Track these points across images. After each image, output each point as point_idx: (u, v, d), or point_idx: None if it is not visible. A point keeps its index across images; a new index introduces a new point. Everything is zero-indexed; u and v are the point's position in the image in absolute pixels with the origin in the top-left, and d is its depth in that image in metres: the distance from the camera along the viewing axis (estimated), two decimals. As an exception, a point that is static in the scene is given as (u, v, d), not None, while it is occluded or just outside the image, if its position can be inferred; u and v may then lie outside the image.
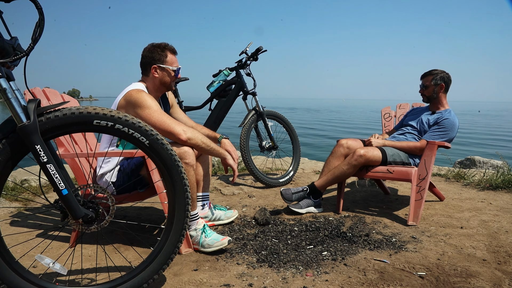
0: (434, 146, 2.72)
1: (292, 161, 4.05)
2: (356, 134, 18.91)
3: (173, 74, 2.27)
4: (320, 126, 23.96)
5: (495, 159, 5.71)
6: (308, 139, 15.91)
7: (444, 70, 3.09)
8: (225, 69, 3.81)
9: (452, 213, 2.90)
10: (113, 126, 1.40)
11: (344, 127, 24.45)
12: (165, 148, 1.50)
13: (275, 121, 3.96)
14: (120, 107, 2.11)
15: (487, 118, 41.61)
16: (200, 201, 2.58)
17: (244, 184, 3.83)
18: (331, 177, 2.87)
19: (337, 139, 3.17)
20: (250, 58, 3.73)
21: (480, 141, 16.99)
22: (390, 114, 3.69)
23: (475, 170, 4.69)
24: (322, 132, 19.52)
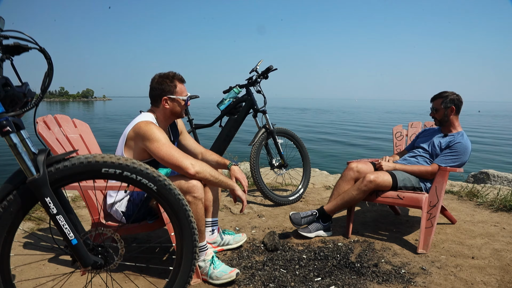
0: (445, 172, 2.69)
1: (302, 178, 4.04)
2: (369, 139, 18.73)
3: (183, 104, 2.29)
4: (332, 130, 23.75)
5: (510, 171, 5.62)
6: (319, 145, 15.75)
7: (454, 91, 3.05)
8: (235, 86, 3.83)
9: (463, 239, 2.86)
10: (121, 173, 1.42)
11: (357, 130, 24.22)
12: (172, 193, 1.51)
13: (285, 138, 3.95)
14: (129, 138, 2.13)
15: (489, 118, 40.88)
16: (210, 226, 2.59)
17: (254, 202, 3.84)
18: (341, 202, 2.86)
19: (347, 161, 3.16)
20: (260, 76, 3.74)
21: (493, 147, 16.71)
22: (401, 133, 3.65)
23: (489, 186, 4.62)
24: (334, 137, 19.30)
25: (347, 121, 33.33)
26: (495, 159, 13.04)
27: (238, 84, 3.87)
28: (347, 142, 16.90)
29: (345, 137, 18.99)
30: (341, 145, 15.93)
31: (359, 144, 16.28)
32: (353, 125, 28.73)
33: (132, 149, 2.14)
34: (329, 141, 17.25)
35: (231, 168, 2.48)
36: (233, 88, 3.83)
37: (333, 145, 15.75)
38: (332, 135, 19.92)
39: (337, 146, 15.59)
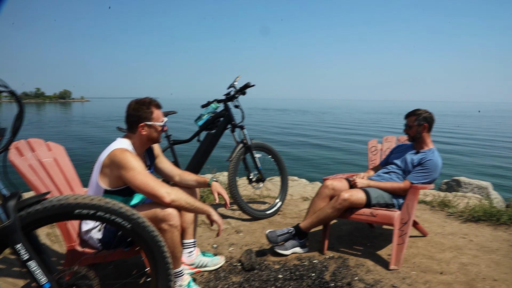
0: (416, 191, 2.79)
1: (280, 191, 4.10)
2: (348, 142, 18.94)
3: (160, 129, 2.31)
4: (311, 132, 23.89)
5: (480, 179, 5.82)
6: (298, 149, 15.74)
7: (427, 109, 3.16)
8: (213, 101, 3.85)
9: (434, 252, 2.97)
10: (94, 213, 1.43)
11: (337, 132, 24.47)
12: (147, 230, 1.54)
13: (264, 152, 4.00)
14: (105, 165, 2.14)
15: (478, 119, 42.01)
16: (188, 248, 2.61)
17: (232, 216, 3.88)
18: (316, 219, 2.93)
19: (323, 178, 3.23)
20: (238, 92, 3.77)
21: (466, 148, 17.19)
22: (376, 147, 3.75)
23: (461, 194, 4.78)
24: (313, 139, 19.39)
25: (326, 122, 33.61)
26: (468, 162, 13.41)
27: (216, 99, 3.89)
28: (326, 146, 16.98)
29: (325, 140, 19.07)
30: (320, 149, 16.00)
31: (338, 147, 16.38)
32: (333, 126, 28.99)
33: (108, 177, 2.15)
34: (309, 144, 17.28)
35: (212, 184, 2.51)
36: (211, 103, 3.86)
37: (312, 149, 15.80)
38: (311, 138, 20.01)
39: (316, 150, 15.65)
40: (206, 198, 4.44)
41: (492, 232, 3.44)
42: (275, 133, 22.04)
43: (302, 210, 4.15)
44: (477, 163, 13.14)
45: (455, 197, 4.50)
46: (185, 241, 2.60)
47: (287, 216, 3.94)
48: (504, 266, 2.74)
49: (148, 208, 2.08)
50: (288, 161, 11.55)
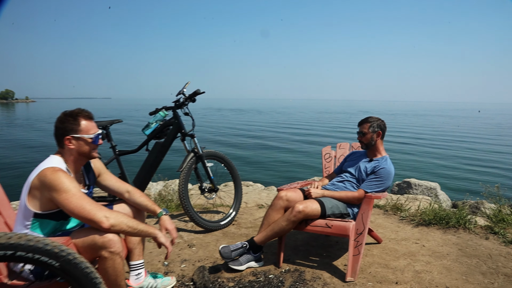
0: (370, 200, 2.75)
1: (234, 200, 3.97)
2: (301, 143, 19.10)
3: (90, 141, 2.08)
4: (266, 133, 23.74)
5: (429, 180, 6.01)
6: (253, 151, 15.54)
7: (379, 117, 3.16)
8: (161, 109, 3.65)
9: (388, 260, 2.97)
10: (13, 254, 1.23)
11: (291, 132, 24.64)
12: (79, 267, 1.35)
13: (216, 161, 3.85)
14: (34, 187, 1.91)
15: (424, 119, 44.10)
16: (134, 270, 2.42)
17: (184, 229, 3.69)
18: (271, 233, 2.82)
19: (277, 188, 3.14)
20: (187, 99, 3.60)
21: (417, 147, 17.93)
22: (330, 154, 3.72)
23: (412, 196, 4.88)
24: (268, 141, 19.24)
25: (280, 122, 33.80)
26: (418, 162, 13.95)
27: (165, 106, 3.70)
28: (281, 148, 16.86)
29: (279, 141, 18.92)
30: (274, 151, 15.88)
31: (292, 149, 16.32)
32: (287, 126, 29.11)
33: (38, 199, 1.91)
34: (263, 146, 17.07)
35: (161, 218, 2.30)
36: (159, 110, 3.66)
37: (266, 151, 15.65)
38: (266, 139, 19.81)
39: (271, 151, 15.51)
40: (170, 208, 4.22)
41: (442, 236, 3.51)
42: (229, 135, 21.70)
43: (257, 219, 4.05)
44: (437, 163, 13.72)
45: (407, 200, 4.58)
46: (132, 262, 2.41)
47: (242, 226, 3.82)
48: (455, 272, 2.78)
49: (85, 234, 1.87)
50: (242, 165, 11.39)
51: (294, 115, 48.04)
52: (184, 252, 3.17)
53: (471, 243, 3.32)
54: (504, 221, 3.76)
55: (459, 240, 3.40)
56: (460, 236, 3.49)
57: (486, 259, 3.01)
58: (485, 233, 3.56)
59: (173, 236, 2.24)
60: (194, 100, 3.61)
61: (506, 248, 3.24)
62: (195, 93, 3.56)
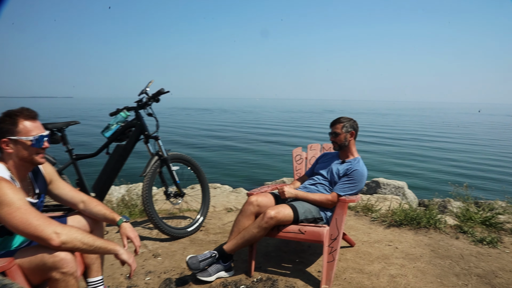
0: (344, 204, 2.65)
1: (202, 205, 3.78)
2: (268, 143, 18.99)
3: (29, 144, 1.83)
4: (232, 133, 23.12)
5: (397, 179, 6.04)
6: (218, 153, 15.14)
7: (351, 117, 3.07)
8: (123, 109, 3.41)
9: (363, 265, 2.88)
10: None
11: (258, 133, 24.46)
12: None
13: (182, 164, 3.65)
14: None
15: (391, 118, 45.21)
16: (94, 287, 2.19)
17: (149, 237, 3.46)
18: (241, 240, 2.67)
19: (247, 193, 2.99)
20: (151, 99, 3.38)
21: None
22: (301, 156, 3.60)
23: (381, 197, 4.86)
24: (235, 142, 18.75)
25: (247, 122, 33.53)
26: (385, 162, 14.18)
27: (127, 106, 3.46)
28: (246, 148, 16.39)
29: (245, 142, 18.40)
30: (240, 152, 15.46)
31: (258, 150, 15.95)
32: (254, 126, 28.70)
33: None
34: (230, 148, 16.49)
35: (122, 226, 2.09)
36: (120, 111, 3.41)
37: (233, 152, 15.24)
38: (232, 140, 19.23)
39: (236, 153, 15.10)
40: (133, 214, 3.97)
41: (414, 236, 3.48)
42: (193, 136, 21.03)
43: (226, 224, 3.88)
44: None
45: (378, 201, 4.55)
46: (90, 279, 2.17)
47: (210, 232, 3.64)
48: (429, 274, 2.73)
49: (32, 253, 1.65)
50: (206, 168, 11.05)
51: (261, 115, 47.99)
52: (148, 263, 2.95)
53: (443, 244, 3.30)
54: (472, 219, 3.78)
55: (431, 240, 3.38)
56: (431, 237, 3.47)
57: (459, 259, 2.99)
58: (455, 233, 3.56)
59: (136, 244, 2.04)
60: (158, 100, 3.40)
61: (476, 248, 3.24)
62: (158, 92, 3.34)
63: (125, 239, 2.05)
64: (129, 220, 2.14)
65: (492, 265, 2.89)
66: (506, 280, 2.67)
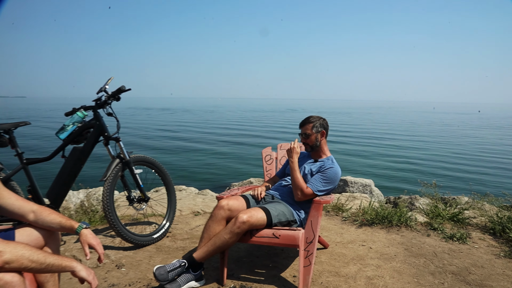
0: (319, 206, 2.55)
1: (167, 210, 3.57)
2: (232, 144, 18.79)
3: None
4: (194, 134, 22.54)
5: (364, 177, 6.07)
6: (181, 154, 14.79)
7: (320, 116, 2.98)
8: (79, 109, 3.15)
9: (338, 267, 2.80)
10: None
11: (220, 133, 24.17)
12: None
13: (145, 167, 3.43)
14: None
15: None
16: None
17: (111, 246, 3.21)
18: (212, 248, 2.50)
19: (217, 196, 2.83)
20: (110, 97, 3.14)
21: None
22: (271, 156, 3.48)
23: (350, 196, 4.84)
24: (199, 144, 18.24)
25: (209, 121, 33.04)
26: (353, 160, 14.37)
27: (84, 105, 3.20)
28: (209, 150, 16.03)
29: (208, 144, 17.98)
30: (205, 153, 15.06)
31: (222, 152, 15.66)
32: (216, 127, 28.18)
33: None
34: (193, 150, 16.02)
35: (82, 233, 1.85)
36: (77, 110, 3.15)
37: (196, 153, 14.92)
38: (195, 142, 18.68)
39: (201, 154, 14.70)
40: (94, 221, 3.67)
41: (386, 235, 3.44)
42: (156, 137, 20.25)
43: (194, 228, 3.69)
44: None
45: (347, 200, 4.51)
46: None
47: (178, 238, 3.44)
48: (406, 274, 2.69)
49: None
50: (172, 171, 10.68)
51: (223, 114, 47.64)
52: (111, 274, 2.72)
53: (415, 242, 3.28)
54: (441, 216, 3.81)
55: (403, 239, 3.35)
56: (403, 235, 3.45)
57: (432, 257, 2.97)
58: (426, 230, 3.56)
59: (99, 252, 1.83)
60: (119, 99, 3.16)
61: (447, 244, 3.24)
62: (119, 90, 3.10)
63: (86, 248, 1.83)
64: (89, 226, 1.92)
65: (465, 262, 2.90)
66: (479, 276, 2.67)
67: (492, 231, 3.53)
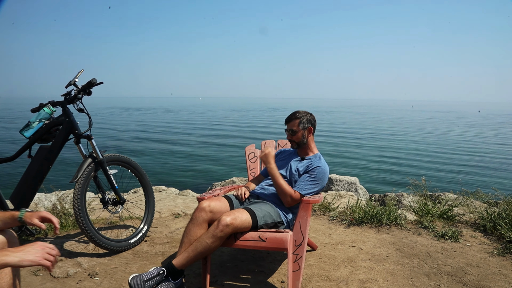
0: (308, 205, 2.37)
1: (145, 213, 3.34)
2: (214, 146, 18.52)
3: None
4: (176, 135, 21.87)
5: (349, 175, 5.95)
6: (159, 156, 14.40)
7: (307, 111, 2.80)
8: (47, 104, 2.90)
9: (328, 270, 2.63)
10: None
11: (203, 134, 23.77)
12: None
13: (121, 167, 3.19)
14: None
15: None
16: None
17: (84, 253, 2.96)
18: (193, 253, 2.29)
19: (197, 197, 2.63)
20: (81, 92, 2.89)
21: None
22: (255, 153, 3.29)
23: (335, 194, 4.70)
24: (181, 147, 17.77)
25: (191, 122, 32.40)
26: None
27: (52, 101, 2.94)
28: (188, 152, 15.58)
29: (186, 146, 17.43)
30: (182, 156, 14.64)
31: (201, 154, 15.34)
32: (197, 127, 27.59)
33: None
34: (172, 152, 15.47)
35: (25, 216, 1.63)
36: (44, 106, 2.89)
37: (175, 155, 14.46)
38: (174, 144, 18.16)
39: (178, 157, 14.26)
40: (48, 230, 3.41)
41: (376, 235, 3.30)
42: (134, 139, 19.60)
43: (174, 232, 3.48)
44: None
45: (334, 198, 4.36)
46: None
47: (157, 242, 3.21)
48: (400, 276, 2.54)
49: None
50: (152, 174, 10.29)
51: (205, 114, 47.08)
52: (83, 285, 2.48)
53: (407, 241, 3.15)
54: (430, 213, 3.70)
55: (394, 238, 3.22)
56: (394, 234, 3.31)
57: (426, 257, 2.84)
58: (416, 228, 3.44)
59: (53, 221, 1.61)
60: (90, 93, 2.92)
61: (439, 243, 3.12)
62: (90, 83, 2.86)
63: (36, 220, 1.60)
64: (30, 210, 1.68)
65: (459, 261, 2.77)
66: (475, 276, 2.55)
67: (483, 228, 3.43)
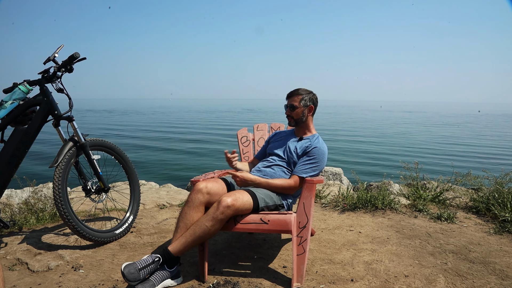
0: (312, 185, 2.24)
1: (131, 202, 3.12)
2: (188, 142, 18.20)
3: None
4: (147, 134, 21.44)
5: (333, 166, 5.88)
6: (136, 153, 14.02)
7: (311, 90, 2.67)
8: (22, 83, 2.64)
9: (330, 254, 2.52)
10: None
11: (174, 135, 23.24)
12: None
13: (104, 153, 2.97)
14: None
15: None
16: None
17: (66, 245, 2.72)
18: (191, 238, 2.12)
19: (191, 180, 2.45)
20: (61, 68, 2.66)
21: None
22: (247, 137, 3.14)
23: (324, 183, 4.61)
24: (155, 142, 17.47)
25: (160, 122, 31.45)
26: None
27: (27, 79, 2.69)
28: (163, 148, 15.24)
29: (160, 141, 17.15)
30: (157, 150, 14.33)
31: (177, 149, 15.05)
32: (167, 127, 26.75)
33: None
34: (146, 147, 15.10)
35: None
36: (18, 85, 2.63)
37: (149, 150, 14.11)
38: (148, 140, 17.96)
39: (154, 151, 14.05)
40: (22, 222, 3.13)
41: (372, 219, 3.23)
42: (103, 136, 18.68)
43: (161, 222, 3.28)
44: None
45: (323, 187, 4.28)
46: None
47: (144, 233, 3.01)
48: (405, 256, 2.46)
49: None
50: None
51: (175, 114, 46.24)
52: (67, 278, 2.25)
53: (404, 224, 3.09)
54: (422, 198, 3.66)
55: (391, 221, 3.15)
56: (390, 218, 3.25)
57: (427, 238, 2.78)
58: (411, 212, 3.39)
59: None
60: (71, 69, 2.68)
61: (437, 224, 3.08)
62: (71, 58, 2.63)
63: None
64: None
65: (461, 240, 2.73)
66: (480, 253, 2.50)
67: (475, 210, 3.42)
